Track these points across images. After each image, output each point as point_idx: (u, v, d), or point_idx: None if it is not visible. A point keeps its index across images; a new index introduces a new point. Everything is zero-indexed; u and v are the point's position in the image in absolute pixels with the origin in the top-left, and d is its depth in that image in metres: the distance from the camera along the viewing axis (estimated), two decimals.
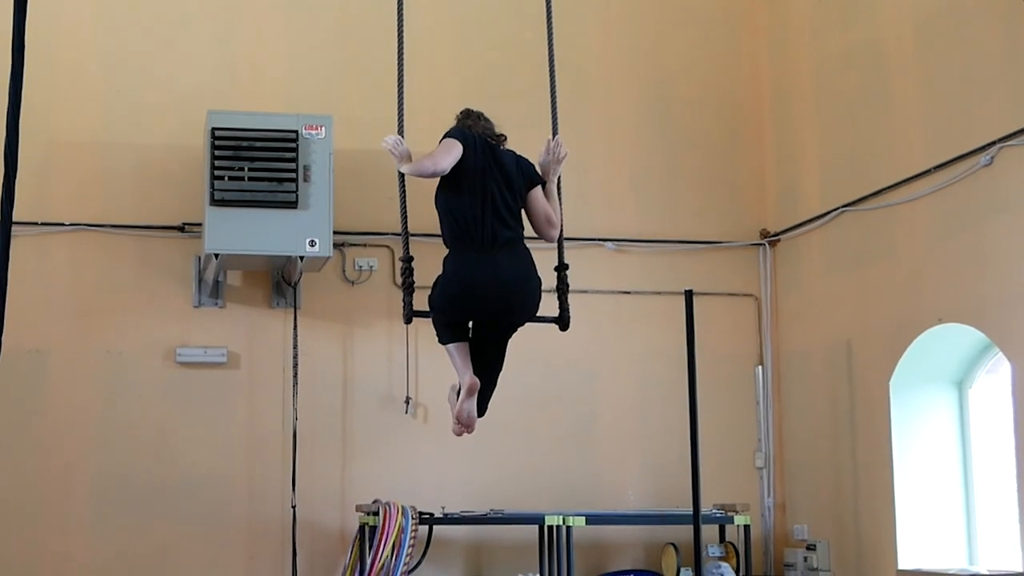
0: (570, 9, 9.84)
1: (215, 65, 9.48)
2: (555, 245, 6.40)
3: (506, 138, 6.31)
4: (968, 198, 7.74)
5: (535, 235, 6.33)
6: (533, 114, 6.52)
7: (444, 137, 6.15)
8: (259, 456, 9.16)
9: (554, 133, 6.40)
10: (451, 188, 6.08)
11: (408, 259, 6.18)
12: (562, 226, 6.37)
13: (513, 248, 6.07)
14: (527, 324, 6.26)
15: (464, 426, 6.25)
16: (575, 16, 9.96)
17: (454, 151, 6.01)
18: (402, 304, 6.12)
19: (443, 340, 6.22)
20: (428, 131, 6.18)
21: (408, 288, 6.12)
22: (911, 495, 8.38)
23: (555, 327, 6.35)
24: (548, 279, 6.29)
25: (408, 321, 6.14)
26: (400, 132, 6.26)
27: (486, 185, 6.04)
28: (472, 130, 6.19)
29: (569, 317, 6.33)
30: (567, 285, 6.36)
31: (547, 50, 6.52)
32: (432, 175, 6.04)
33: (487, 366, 6.24)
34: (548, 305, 6.29)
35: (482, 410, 6.30)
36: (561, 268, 6.35)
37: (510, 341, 6.30)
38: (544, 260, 6.28)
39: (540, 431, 9.51)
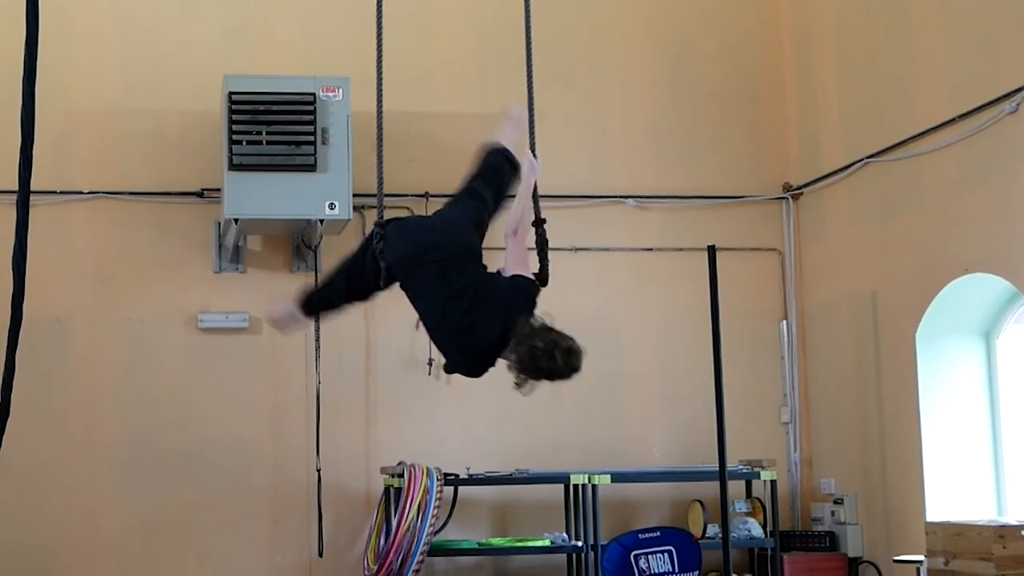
0: None
1: (231, 29, 9.42)
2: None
3: None
4: (993, 147, 7.64)
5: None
6: (549, 66, 6.41)
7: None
8: (283, 420, 9.17)
9: (529, 88, 6.17)
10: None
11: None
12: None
13: None
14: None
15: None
16: None
17: None
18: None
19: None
20: (443, 88, 6.11)
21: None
22: (938, 447, 8.33)
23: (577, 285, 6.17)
24: None
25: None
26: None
27: None
28: None
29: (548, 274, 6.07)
30: (546, 240, 6.09)
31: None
32: None
33: None
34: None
35: None
36: (539, 223, 6.10)
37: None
38: None
39: (564, 390, 9.31)
